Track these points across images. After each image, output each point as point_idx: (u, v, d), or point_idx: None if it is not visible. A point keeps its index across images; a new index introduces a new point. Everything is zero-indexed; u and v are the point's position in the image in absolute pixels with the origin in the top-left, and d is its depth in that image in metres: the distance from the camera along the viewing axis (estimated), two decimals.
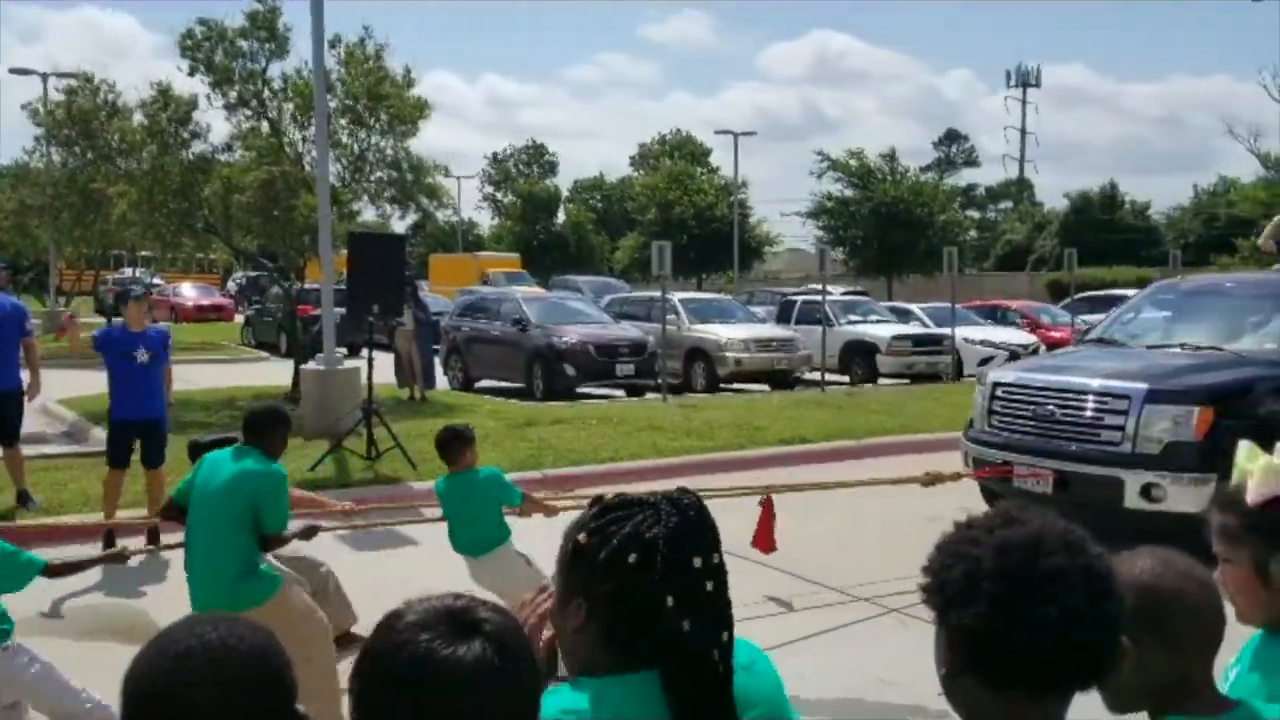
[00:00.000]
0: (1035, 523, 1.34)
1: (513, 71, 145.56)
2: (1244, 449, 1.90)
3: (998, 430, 8.44)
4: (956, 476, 7.66)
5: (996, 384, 8.63)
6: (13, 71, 29.98)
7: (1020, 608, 1.26)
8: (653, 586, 1.45)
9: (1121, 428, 7.55)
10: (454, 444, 5.39)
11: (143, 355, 7.89)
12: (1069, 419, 7.89)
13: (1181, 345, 8.58)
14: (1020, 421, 8.26)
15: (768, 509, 6.30)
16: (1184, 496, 7.17)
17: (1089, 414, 7.78)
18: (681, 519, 1.49)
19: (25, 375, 8.68)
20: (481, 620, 1.24)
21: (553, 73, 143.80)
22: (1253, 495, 1.83)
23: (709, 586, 1.48)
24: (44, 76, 26.75)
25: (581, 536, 1.52)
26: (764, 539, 6.24)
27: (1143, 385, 7.60)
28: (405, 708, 1.19)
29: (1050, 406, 8.02)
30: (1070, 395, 7.97)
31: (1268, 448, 1.81)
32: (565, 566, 1.54)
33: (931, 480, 7.32)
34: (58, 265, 33.56)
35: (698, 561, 1.47)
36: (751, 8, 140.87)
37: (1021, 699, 1.29)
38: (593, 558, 1.50)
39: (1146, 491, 7.35)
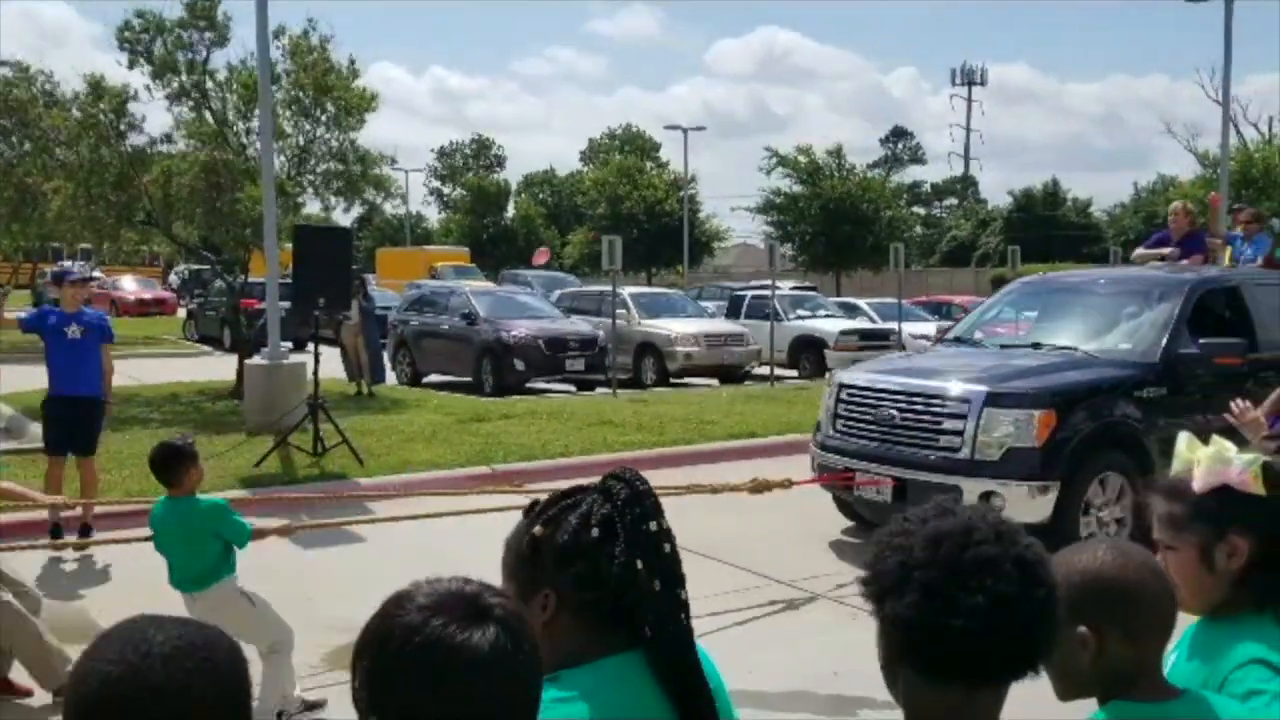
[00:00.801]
0: (967, 513, 1.36)
1: (460, 64, 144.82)
2: (1184, 439, 1.95)
3: (843, 435, 7.98)
4: (788, 484, 7.39)
5: (842, 386, 8.17)
6: None
7: (951, 597, 1.26)
8: (622, 555, 1.52)
9: (961, 432, 7.16)
10: (174, 463, 4.66)
11: (74, 331, 7.78)
12: (909, 423, 7.48)
13: (1036, 345, 8.26)
14: (863, 426, 7.81)
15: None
16: (1024, 505, 6.82)
17: (929, 418, 7.38)
18: (630, 490, 1.56)
19: None
20: (492, 605, 1.25)
21: (501, 66, 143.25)
22: (1199, 483, 1.87)
23: (666, 548, 1.55)
24: None
25: (536, 530, 1.56)
26: None
27: (982, 388, 7.24)
28: (420, 692, 1.19)
29: (891, 410, 7.59)
30: (911, 399, 7.54)
31: (1137, 455, 1.85)
32: (522, 564, 1.57)
33: (759, 488, 7.03)
34: None
35: (653, 525, 1.55)
36: (698, 4, 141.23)
37: (958, 689, 1.30)
38: (553, 545, 1.54)
39: (985, 500, 6.74)
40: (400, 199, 49.63)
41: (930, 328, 22.14)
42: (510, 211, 65.87)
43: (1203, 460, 1.89)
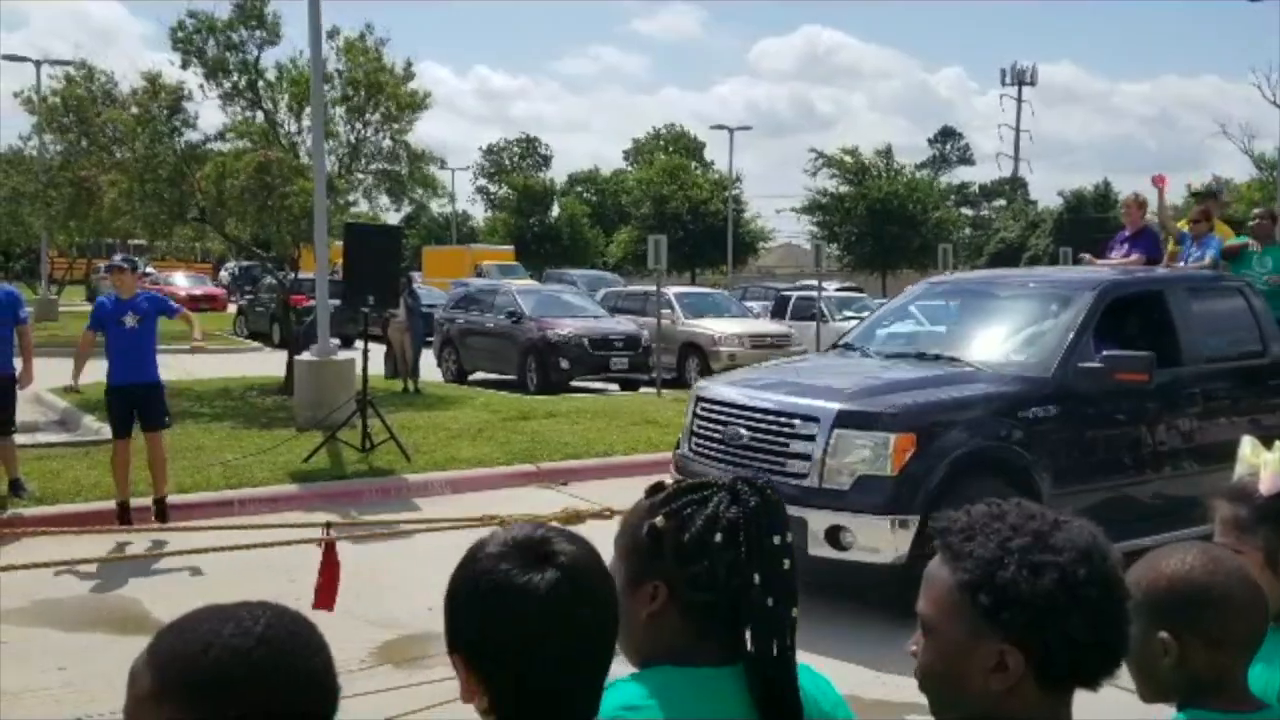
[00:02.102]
0: (1067, 523, 1.35)
1: (503, 64, 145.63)
2: (1248, 443, 1.96)
3: (696, 455, 7.04)
4: (608, 513, 6.02)
5: (699, 399, 7.18)
6: (6, 58, 29.86)
7: (1114, 614, 1.30)
8: (741, 565, 1.50)
9: (809, 456, 6.19)
10: None
11: (131, 320, 7.94)
12: (757, 444, 6.51)
13: (920, 355, 7.32)
14: (713, 445, 6.86)
15: (329, 556, 4.63)
16: (877, 542, 5.95)
17: (777, 439, 6.43)
18: (760, 499, 1.54)
19: (19, 363, 8.64)
20: (556, 551, 1.33)
21: (543, 65, 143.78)
22: (1266, 485, 1.88)
23: (786, 564, 1.53)
24: (37, 64, 26.63)
25: (659, 520, 1.53)
26: (325, 593, 4.47)
27: (834, 405, 6.26)
28: (487, 628, 1.31)
29: (740, 428, 6.63)
30: (760, 416, 6.59)
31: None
32: (638, 551, 1.55)
33: (570, 519, 5.64)
34: (49, 253, 33.42)
35: (776, 540, 1.53)
36: (740, 3, 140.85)
37: (1066, 697, 1.33)
38: (675, 540, 1.52)
39: (833, 536, 6.02)
40: (447, 198, 49.99)
41: None
42: (555, 210, 66.10)
43: (1270, 463, 1.88)
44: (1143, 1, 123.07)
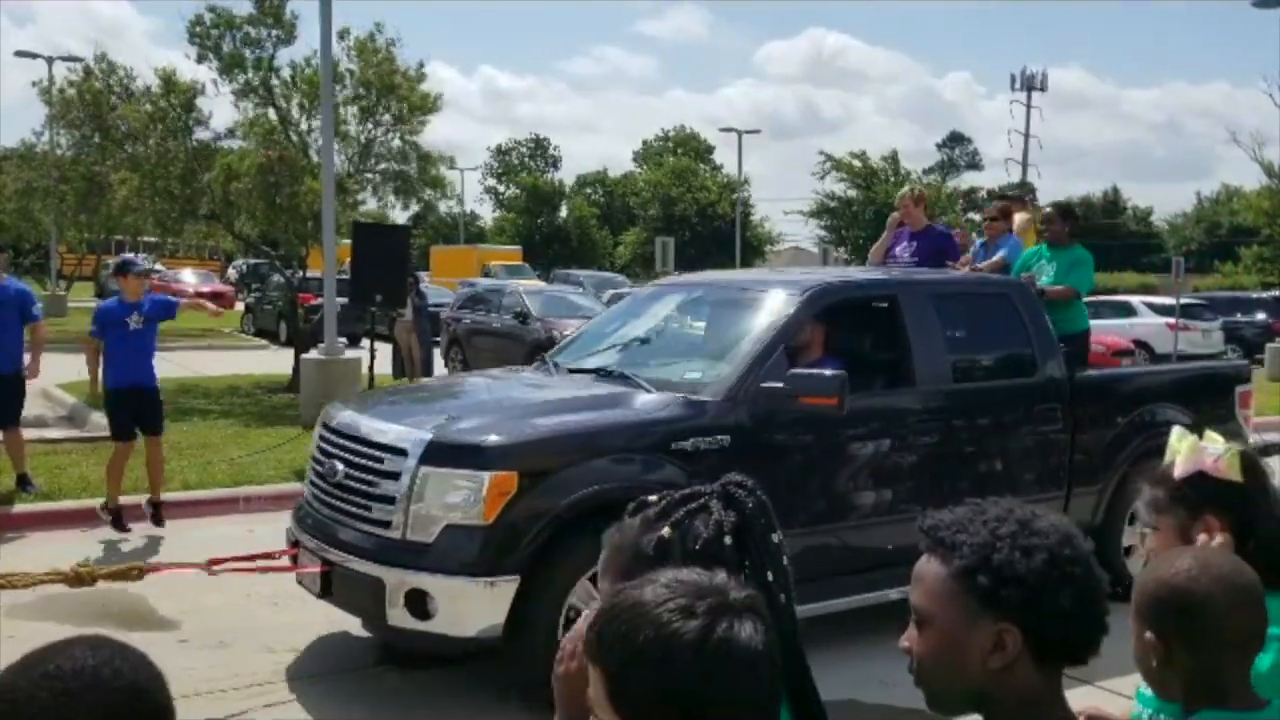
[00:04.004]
0: (1043, 513, 1.46)
1: (509, 64, 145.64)
2: (1176, 432, 2.15)
3: (312, 494, 5.62)
4: (136, 573, 5.43)
5: (322, 422, 5.78)
6: (18, 54, 30.00)
7: (1097, 588, 1.41)
8: (755, 565, 1.52)
9: (394, 499, 4.91)
10: None
11: (135, 321, 7.95)
12: (353, 483, 5.19)
13: (599, 371, 6.01)
14: (320, 482, 5.50)
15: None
16: (463, 609, 4.70)
17: (366, 475, 5.13)
18: (755, 500, 1.56)
19: (29, 358, 8.68)
20: (744, 598, 1.27)
21: (550, 66, 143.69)
22: (1179, 469, 2.06)
23: (786, 561, 1.56)
24: (49, 60, 26.74)
25: (665, 531, 1.53)
26: None
27: (426, 434, 4.98)
28: (711, 696, 1.20)
29: (338, 462, 5.32)
30: (357, 446, 5.27)
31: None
32: (642, 564, 1.52)
33: (79, 579, 5.26)
34: (59, 249, 33.52)
35: (776, 537, 1.56)
36: (746, 5, 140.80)
37: (1058, 672, 1.43)
38: (684, 549, 1.52)
39: (415, 602, 4.70)
40: (455, 199, 50.09)
41: None
42: (563, 211, 66.17)
43: (1184, 450, 2.08)
44: (1152, 6, 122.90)
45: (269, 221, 15.00)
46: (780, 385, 5.28)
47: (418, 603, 4.71)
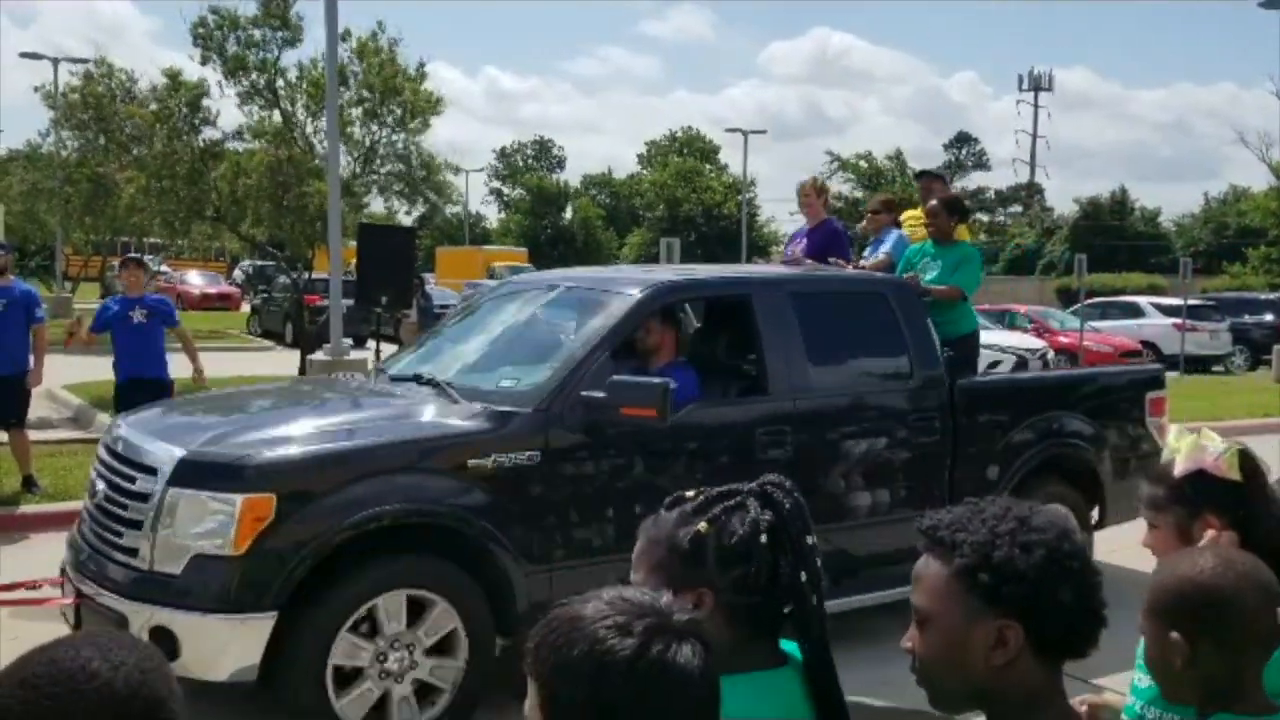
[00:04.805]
0: (1039, 509, 1.47)
1: (512, 65, 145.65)
2: (1173, 431, 2.17)
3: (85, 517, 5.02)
4: None
5: (102, 439, 5.22)
6: (23, 55, 30.13)
7: (1095, 582, 1.43)
8: (788, 566, 1.53)
9: (142, 524, 4.36)
10: None
11: (139, 315, 7.98)
12: (109, 505, 4.63)
13: (418, 378, 5.37)
14: (88, 504, 4.94)
15: None
16: (210, 650, 4.16)
17: (120, 497, 4.57)
18: (793, 500, 1.57)
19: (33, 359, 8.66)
20: (685, 620, 1.28)
21: (553, 66, 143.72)
22: (1179, 468, 2.08)
23: (819, 563, 1.57)
24: (55, 61, 26.77)
25: (701, 526, 1.54)
26: None
27: (178, 451, 4.44)
28: (601, 698, 1.20)
29: (101, 481, 4.77)
30: (118, 464, 4.72)
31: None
32: (677, 559, 1.55)
33: None
34: (64, 250, 33.59)
35: (810, 540, 1.56)
36: (749, 5, 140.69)
37: (1058, 666, 1.44)
38: (718, 545, 1.53)
39: (160, 641, 4.02)
40: (460, 204, 50.13)
41: (992, 336, 21.83)
42: (569, 213, 66.22)
43: (1184, 448, 2.09)
44: (1157, 6, 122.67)
45: (275, 223, 15.01)
46: (601, 396, 4.69)
47: (163, 642, 4.06)
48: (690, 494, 1.62)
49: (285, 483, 4.28)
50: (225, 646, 4.19)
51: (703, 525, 1.54)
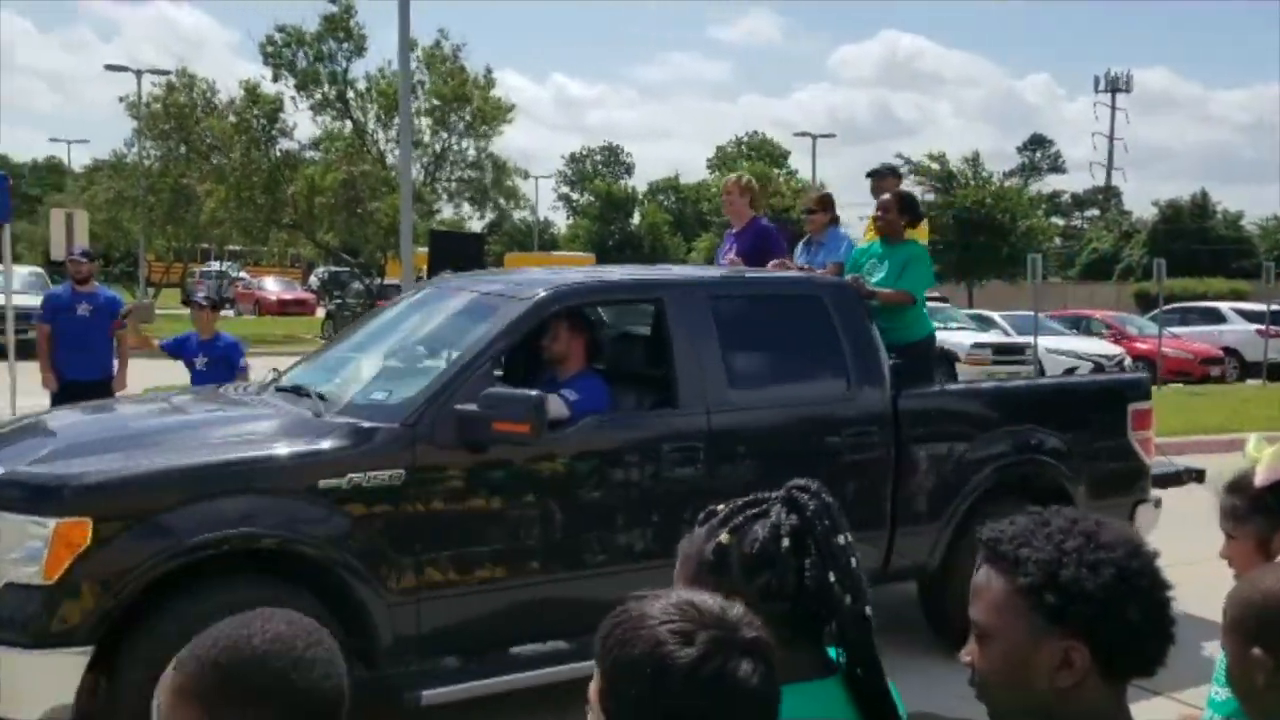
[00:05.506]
0: (1107, 523, 1.41)
1: (580, 72, 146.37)
2: (1252, 440, 2.14)
3: None
4: None
5: None
6: (108, 68, 30.91)
7: (1165, 601, 1.37)
8: (814, 568, 1.50)
9: None
10: None
11: (200, 362, 7.79)
12: None
13: (297, 389, 5.03)
14: None
15: None
16: (26, 690, 3.87)
17: None
18: (819, 501, 1.55)
19: (117, 364, 8.91)
20: (757, 636, 1.27)
21: (621, 73, 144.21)
22: (1259, 478, 2.04)
23: (854, 563, 1.53)
24: (138, 73, 27.53)
25: (724, 537, 1.54)
26: None
27: (2, 469, 4.19)
28: (657, 706, 1.22)
29: None
30: None
31: None
32: (705, 572, 1.54)
33: None
34: (147, 257, 34.55)
35: (841, 539, 1.53)
36: (819, 9, 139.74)
37: (1124, 687, 1.40)
38: (740, 553, 1.53)
39: None
40: (529, 208, 50.58)
41: (1068, 342, 21.39)
42: (636, 218, 66.39)
43: (1266, 458, 2.04)
44: (1237, 5, 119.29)
45: (349, 231, 15.28)
46: (473, 409, 4.26)
47: None
48: (720, 506, 1.61)
49: (102, 506, 3.91)
50: (35, 683, 3.86)
51: (724, 535, 1.54)
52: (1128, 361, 20.44)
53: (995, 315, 24.12)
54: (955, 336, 20.54)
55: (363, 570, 4.16)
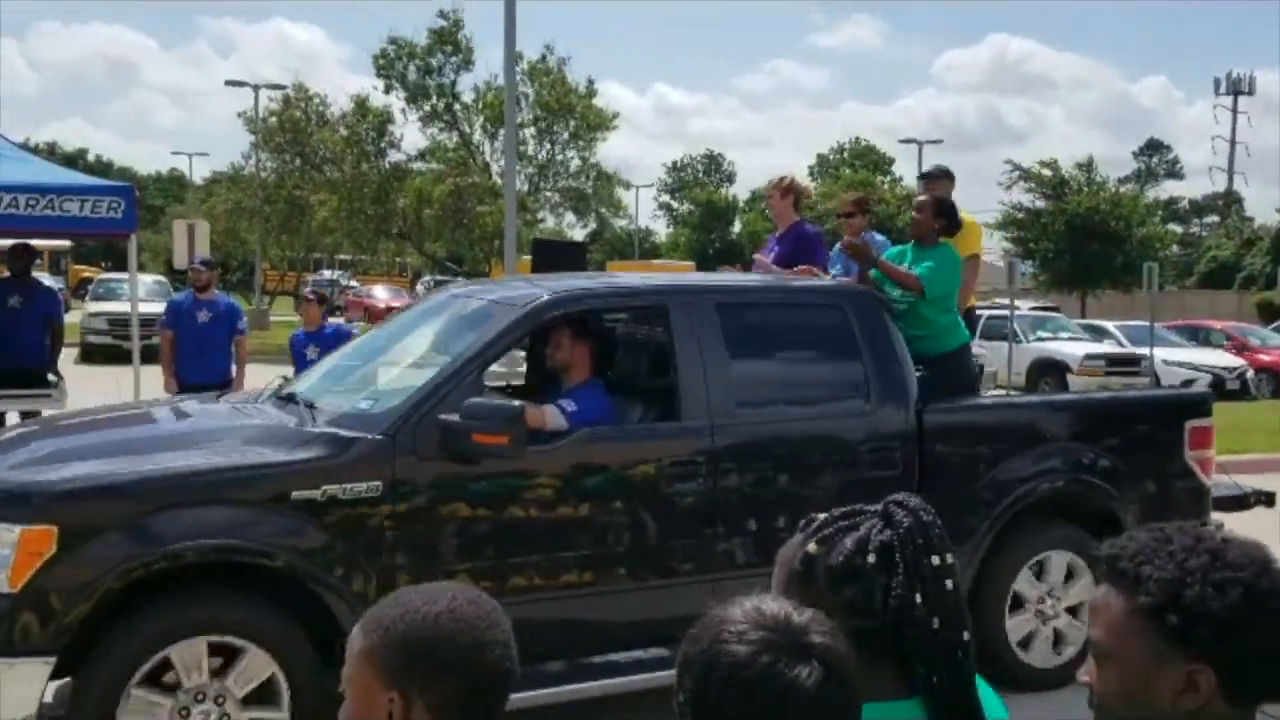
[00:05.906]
0: (1234, 539, 1.35)
1: (681, 81, 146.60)
2: None
3: None
4: None
5: None
6: (228, 83, 32.09)
7: None
8: (899, 587, 1.46)
9: None
10: None
11: (312, 352, 8.26)
12: None
13: (290, 398, 4.95)
14: None
15: None
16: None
17: None
18: (914, 519, 1.50)
19: (235, 369, 9.22)
20: (818, 643, 1.26)
21: (721, 82, 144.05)
22: None
23: (949, 585, 1.49)
24: (255, 88, 28.51)
25: (811, 546, 1.52)
26: None
27: None
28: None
29: None
30: None
31: None
32: (793, 581, 1.53)
33: None
34: (262, 266, 35.72)
35: (936, 560, 1.48)
36: (923, 13, 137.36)
37: (1251, 711, 1.33)
38: (825, 564, 1.50)
39: None
40: (628, 218, 50.90)
41: (1185, 354, 20.63)
42: (737, 226, 66.20)
43: None
44: None
45: (455, 240, 15.57)
46: (455, 419, 4.09)
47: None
48: (820, 516, 1.59)
49: (70, 515, 3.85)
50: (7, 690, 3.77)
51: (812, 545, 1.51)
52: (1250, 374, 19.60)
53: (1109, 325, 23.40)
54: (1068, 347, 20.00)
55: (335, 584, 4.04)
